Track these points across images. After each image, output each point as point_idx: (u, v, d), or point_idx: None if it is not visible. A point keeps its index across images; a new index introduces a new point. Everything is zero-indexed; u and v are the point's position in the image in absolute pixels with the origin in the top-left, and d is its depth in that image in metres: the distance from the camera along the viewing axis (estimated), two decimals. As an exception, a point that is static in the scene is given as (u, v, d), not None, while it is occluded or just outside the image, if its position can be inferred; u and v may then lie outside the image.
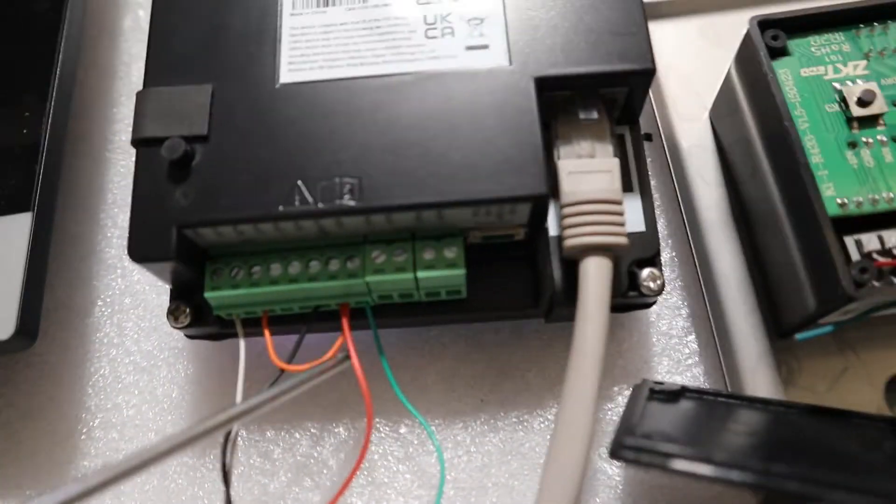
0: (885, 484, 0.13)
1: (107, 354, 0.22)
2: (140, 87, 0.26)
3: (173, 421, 0.21)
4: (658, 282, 0.19)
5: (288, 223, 0.18)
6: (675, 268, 0.22)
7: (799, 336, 0.18)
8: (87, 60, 0.26)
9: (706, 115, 0.23)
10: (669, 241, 0.23)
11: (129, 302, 0.23)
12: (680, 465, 0.14)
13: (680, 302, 0.22)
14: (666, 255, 0.23)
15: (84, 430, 0.21)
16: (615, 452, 0.14)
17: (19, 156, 0.21)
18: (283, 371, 0.19)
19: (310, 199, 0.18)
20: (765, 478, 0.13)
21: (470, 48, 0.19)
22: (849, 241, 0.18)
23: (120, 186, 0.25)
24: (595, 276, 0.18)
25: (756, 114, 0.20)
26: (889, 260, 0.17)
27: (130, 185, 0.24)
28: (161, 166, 0.18)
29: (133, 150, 0.25)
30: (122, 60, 0.27)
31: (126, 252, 0.18)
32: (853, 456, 0.15)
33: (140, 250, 0.18)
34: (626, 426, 0.15)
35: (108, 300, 0.23)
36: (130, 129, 0.25)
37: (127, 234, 0.18)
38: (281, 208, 0.17)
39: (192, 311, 0.20)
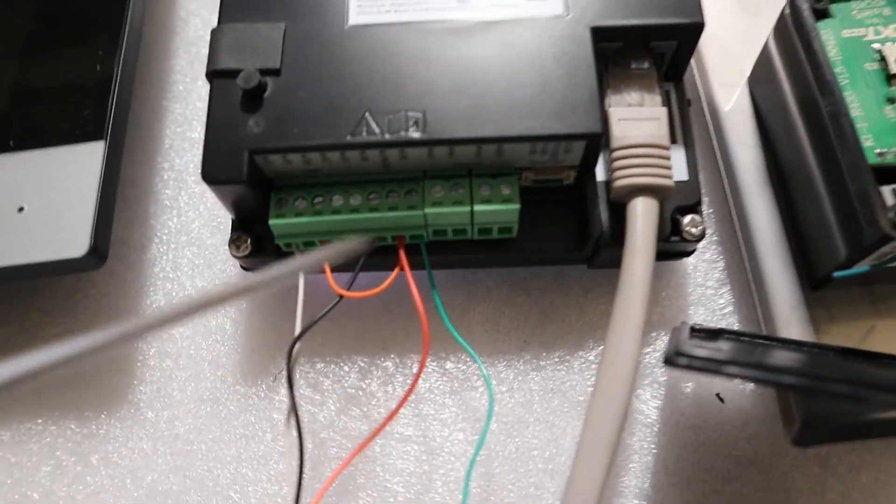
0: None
1: (162, 287, 0.23)
2: (196, 41, 0.27)
3: (226, 351, 0.22)
4: (699, 227, 0.20)
5: (354, 153, 0.19)
6: (712, 224, 0.23)
7: (837, 273, 0.19)
8: (147, 15, 0.27)
9: (744, 81, 0.24)
10: (707, 199, 0.24)
11: (185, 240, 0.24)
12: (733, 369, 0.14)
13: (716, 256, 0.23)
14: (704, 212, 0.23)
15: (140, 358, 0.22)
16: (670, 360, 0.15)
17: (93, 90, 0.22)
18: (341, 298, 0.20)
19: (377, 129, 0.18)
20: (815, 382, 0.14)
21: (529, -2, 0.20)
22: (885, 189, 0.18)
23: (176, 133, 0.26)
24: (643, 215, 0.19)
25: (795, 79, 0.21)
26: (924, 206, 0.18)
27: (185, 132, 0.26)
28: (235, 96, 0.19)
29: (188, 98, 0.26)
30: (180, 16, 0.28)
31: (198, 176, 0.18)
32: (888, 380, 0.16)
33: (213, 173, 0.19)
34: (675, 344, 0.16)
35: (164, 238, 0.24)
36: (186, 78, 0.27)
37: (198, 161, 0.19)
38: (349, 138, 0.18)
39: (253, 241, 0.21)
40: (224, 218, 0.24)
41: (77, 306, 0.23)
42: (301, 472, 0.18)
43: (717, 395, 0.21)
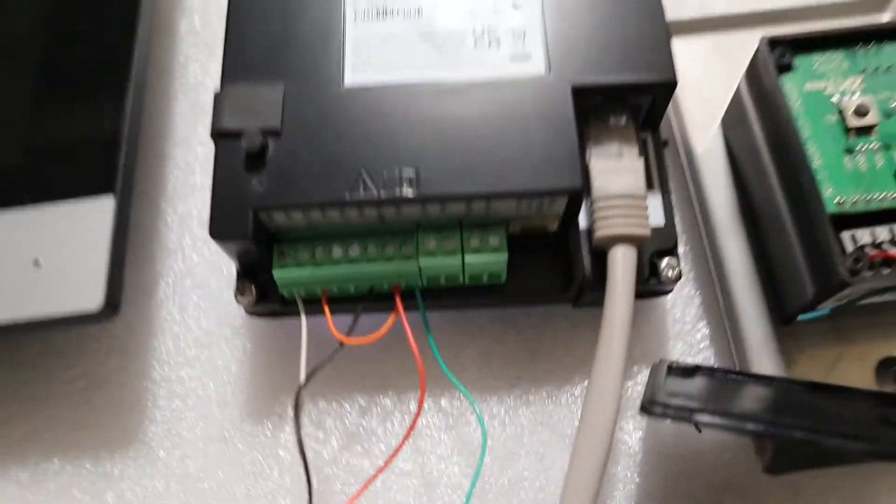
0: (873, 433, 0.15)
1: (169, 330, 0.24)
2: (196, 87, 0.28)
3: (233, 391, 0.23)
4: (676, 270, 0.22)
5: (352, 209, 0.20)
6: (688, 261, 0.25)
7: (801, 317, 0.20)
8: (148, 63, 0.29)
9: (718, 124, 0.26)
10: (683, 237, 0.25)
11: (190, 283, 0.25)
12: (703, 417, 0.16)
13: (693, 292, 0.24)
14: (680, 250, 0.25)
15: (151, 399, 0.23)
16: (646, 408, 0.16)
17: (102, 143, 0.23)
18: (341, 344, 0.21)
19: (372, 187, 0.20)
20: (774, 427, 0.15)
21: (513, 57, 0.21)
22: (845, 235, 0.20)
23: (178, 178, 0.27)
24: (623, 263, 0.20)
25: (763, 124, 0.23)
26: (879, 252, 0.19)
27: (187, 177, 0.27)
28: (238, 156, 0.20)
29: (189, 143, 0.27)
30: (179, 61, 0.29)
31: (201, 221, 0.20)
32: (847, 417, 0.17)
33: (220, 230, 0.20)
34: (652, 391, 0.18)
35: (170, 282, 0.25)
36: (187, 124, 0.28)
37: (206, 216, 0.20)
38: (347, 195, 0.20)
39: (258, 289, 0.22)
40: (227, 261, 0.25)
41: (88, 350, 0.24)
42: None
43: (696, 425, 0.22)
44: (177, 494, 0.22)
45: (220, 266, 0.25)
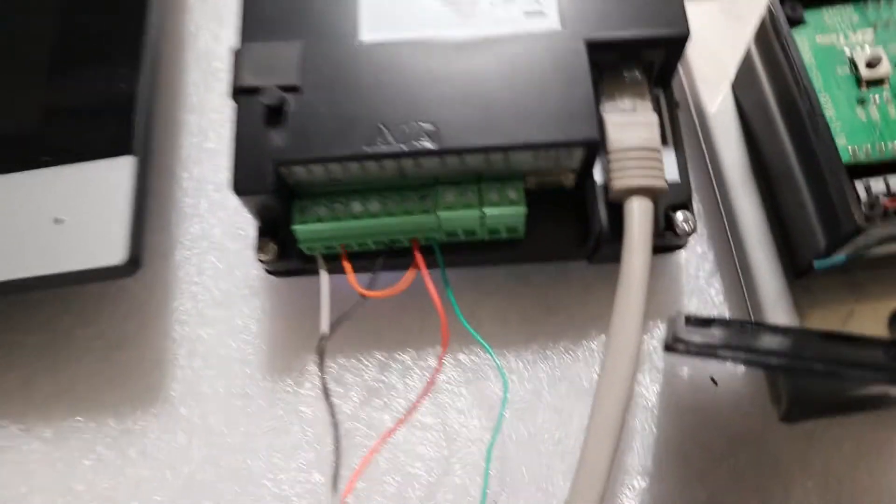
0: (890, 367, 0.15)
1: (188, 291, 0.24)
2: (207, 54, 0.29)
3: (254, 350, 0.24)
4: (690, 223, 0.22)
5: (371, 162, 0.20)
6: (701, 219, 0.25)
7: (817, 264, 0.20)
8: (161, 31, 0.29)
9: (728, 85, 0.26)
10: (697, 196, 0.25)
11: (207, 245, 0.25)
12: (726, 352, 0.16)
13: (706, 249, 0.25)
14: (694, 207, 0.25)
15: (171, 359, 0.24)
16: (670, 346, 0.17)
17: (119, 106, 0.23)
18: (363, 297, 0.21)
19: (392, 140, 0.20)
20: (796, 361, 0.15)
21: (528, 14, 0.22)
22: (858, 184, 0.20)
23: (193, 144, 0.27)
24: (639, 214, 0.20)
25: (774, 80, 0.23)
26: (893, 200, 0.20)
27: (201, 143, 0.27)
28: (258, 113, 0.20)
29: (202, 110, 0.27)
30: (189, 30, 0.29)
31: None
32: (864, 356, 0.18)
33: (242, 185, 0.20)
34: (673, 332, 0.18)
35: (187, 244, 0.25)
36: (199, 91, 0.28)
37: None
38: (366, 148, 0.20)
39: (278, 247, 0.22)
40: (243, 224, 0.25)
41: (107, 310, 0.24)
42: (338, 458, 0.19)
43: (711, 378, 0.23)
44: (199, 449, 0.22)
45: (237, 229, 0.25)
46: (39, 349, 0.24)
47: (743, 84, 0.25)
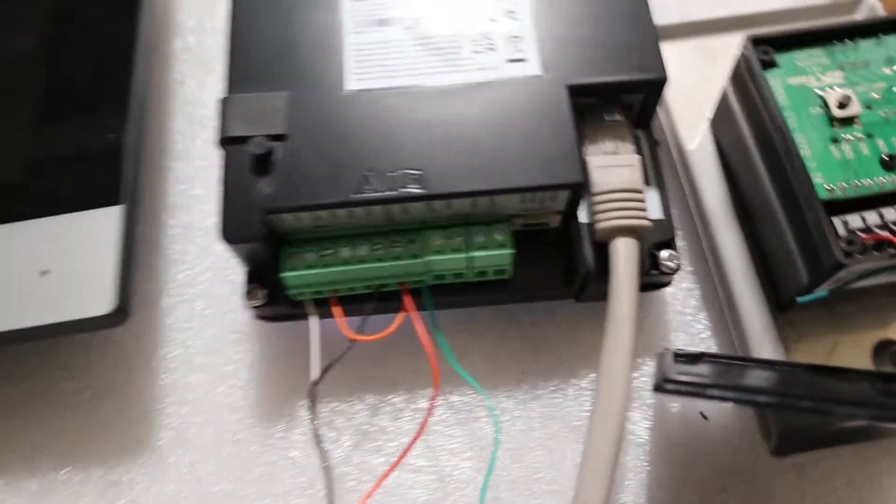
0: (877, 402, 0.16)
1: (176, 338, 0.24)
2: (193, 102, 0.29)
3: (243, 395, 0.23)
4: (675, 261, 0.22)
5: (359, 209, 0.21)
6: (685, 256, 0.25)
7: (800, 299, 0.21)
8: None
9: (707, 123, 0.26)
10: (680, 233, 0.26)
11: (194, 292, 0.25)
12: (715, 392, 0.16)
13: (691, 285, 0.25)
14: (678, 244, 0.26)
15: (159, 407, 0.23)
16: (660, 387, 0.17)
17: (105, 156, 0.23)
18: (353, 342, 0.21)
19: (379, 187, 0.20)
20: (783, 399, 0.16)
21: (510, 61, 0.22)
22: (836, 221, 0.21)
23: (179, 191, 0.27)
24: (625, 253, 0.21)
25: (750, 119, 0.23)
26: (870, 235, 0.20)
27: (188, 189, 0.27)
28: (246, 161, 0.21)
29: (188, 157, 0.28)
30: (175, 78, 0.29)
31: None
32: (850, 390, 0.18)
33: (231, 233, 0.20)
34: (662, 372, 0.18)
35: (174, 291, 0.25)
36: (185, 139, 0.28)
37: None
38: (352, 196, 0.20)
39: (267, 293, 0.22)
40: (231, 269, 0.25)
41: (94, 360, 0.24)
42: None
43: (702, 413, 0.23)
44: (188, 499, 0.22)
45: (225, 274, 0.25)
46: (25, 401, 0.24)
47: (720, 123, 0.26)
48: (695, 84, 0.27)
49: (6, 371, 0.24)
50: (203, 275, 0.25)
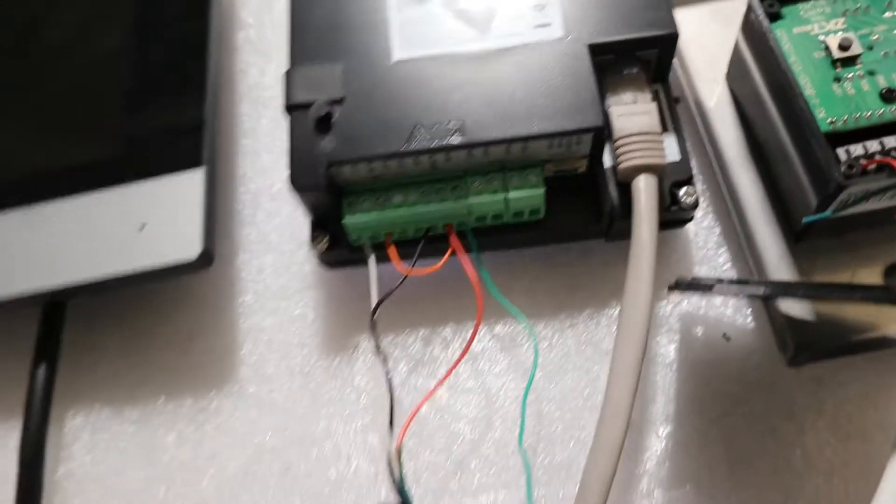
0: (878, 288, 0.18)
1: (251, 288, 0.28)
2: (256, 87, 0.32)
3: (310, 334, 0.27)
4: (693, 196, 0.25)
5: (408, 159, 0.23)
6: (706, 199, 0.28)
7: (805, 219, 0.23)
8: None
9: (724, 79, 0.29)
10: (701, 178, 0.28)
11: (264, 248, 0.28)
12: (722, 286, 0.19)
13: (712, 223, 0.27)
14: (698, 188, 0.27)
15: (238, 346, 0.27)
16: (677, 285, 0.19)
17: (188, 129, 0.27)
18: (406, 277, 0.24)
19: (425, 139, 0.23)
20: (784, 289, 0.18)
21: (536, 26, 0.25)
22: (840, 150, 0.23)
23: (248, 163, 0.30)
24: (645, 188, 0.23)
25: (761, 69, 0.26)
26: (870, 161, 0.22)
27: (254, 162, 0.31)
28: (309, 123, 0.24)
29: (255, 134, 0.31)
30: (240, 68, 0.33)
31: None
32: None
33: (299, 182, 0.23)
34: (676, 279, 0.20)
35: (247, 248, 0.29)
36: (251, 118, 0.32)
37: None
38: (404, 147, 0.23)
39: (330, 238, 0.25)
40: (295, 229, 0.29)
41: (184, 309, 0.28)
42: (392, 406, 0.22)
43: (724, 334, 0.25)
44: (267, 421, 0.25)
45: (290, 234, 0.29)
46: (125, 345, 0.27)
47: (735, 76, 0.28)
48: (712, 45, 0.29)
49: (108, 322, 0.28)
50: (271, 234, 0.29)
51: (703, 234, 0.27)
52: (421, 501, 0.23)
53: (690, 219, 0.26)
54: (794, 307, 0.24)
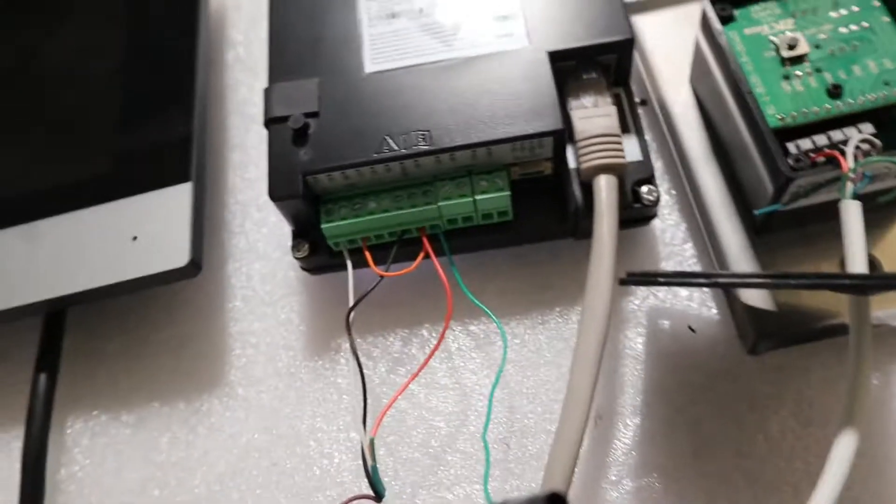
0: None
1: (240, 294, 0.29)
2: (245, 103, 0.34)
3: (296, 337, 0.28)
4: (655, 194, 0.26)
5: (380, 166, 0.25)
6: (671, 197, 0.29)
7: (756, 212, 0.24)
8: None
9: (687, 81, 0.30)
10: (666, 177, 0.29)
11: (252, 256, 0.30)
12: (662, 279, 0.20)
13: (678, 220, 0.28)
14: (663, 187, 0.29)
15: (229, 350, 0.28)
16: (623, 280, 0.20)
17: (177, 145, 0.28)
18: (381, 278, 0.25)
19: (395, 147, 0.25)
20: (727, 279, 0.19)
21: (499, 36, 0.26)
22: (790, 144, 0.24)
23: (237, 175, 0.32)
24: (606, 187, 0.24)
25: (719, 68, 0.27)
26: (818, 153, 0.23)
27: (243, 174, 0.32)
28: (287, 136, 0.25)
29: (243, 147, 0.33)
30: (229, 84, 0.35)
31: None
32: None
33: (277, 191, 0.25)
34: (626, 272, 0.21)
35: (237, 256, 0.30)
36: (240, 133, 0.33)
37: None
38: (374, 155, 0.25)
39: (310, 246, 0.26)
40: (281, 237, 0.30)
41: (176, 317, 0.29)
42: (365, 399, 0.23)
43: (689, 326, 0.26)
44: (255, 421, 0.27)
45: (277, 242, 0.30)
46: (121, 352, 0.29)
47: (697, 77, 0.29)
48: (676, 48, 0.30)
49: (104, 329, 0.29)
50: (259, 242, 0.30)
51: (669, 230, 0.28)
52: (399, 496, 0.25)
53: (654, 216, 0.27)
54: (753, 297, 0.25)
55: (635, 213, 0.26)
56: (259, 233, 0.30)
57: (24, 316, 0.27)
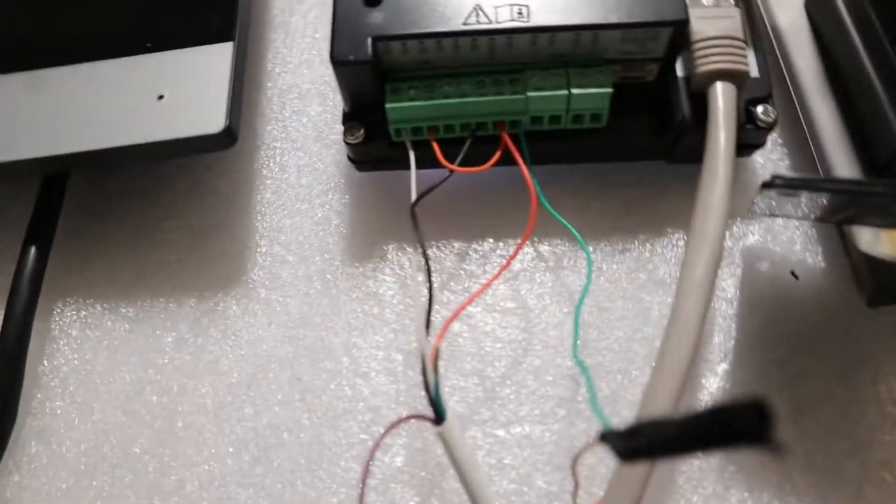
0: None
1: (271, 186, 0.25)
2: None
3: (334, 240, 0.24)
4: (772, 115, 0.22)
5: (466, 41, 0.21)
6: (776, 128, 0.25)
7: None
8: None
9: (801, 3, 0.26)
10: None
11: (289, 146, 0.26)
12: (821, 184, 0.16)
13: (781, 156, 0.25)
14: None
15: (252, 246, 0.24)
16: (769, 184, 0.17)
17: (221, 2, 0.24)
18: (451, 172, 0.22)
19: (487, 19, 0.21)
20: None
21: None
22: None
23: (276, 57, 0.28)
24: (724, 94, 0.21)
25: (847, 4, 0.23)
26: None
27: (284, 57, 0.28)
28: (356, -5, 0.21)
29: (286, 28, 0.29)
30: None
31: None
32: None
33: (340, 53, 0.21)
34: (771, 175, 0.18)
35: (270, 145, 0.26)
36: (283, 12, 0.29)
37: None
38: (463, 26, 0.21)
39: (365, 130, 0.23)
40: (323, 129, 0.26)
41: (194, 204, 0.25)
42: (430, 301, 0.20)
43: (792, 272, 0.23)
44: (279, 328, 0.23)
45: (318, 133, 0.26)
46: (125, 239, 0.25)
47: (816, 3, 0.26)
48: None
49: (108, 211, 0.25)
50: (297, 132, 0.26)
51: (770, 165, 0.25)
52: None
53: (763, 143, 0.23)
54: (874, 243, 0.22)
55: (744, 138, 0.23)
56: (298, 121, 0.26)
57: (17, 176, 0.23)
